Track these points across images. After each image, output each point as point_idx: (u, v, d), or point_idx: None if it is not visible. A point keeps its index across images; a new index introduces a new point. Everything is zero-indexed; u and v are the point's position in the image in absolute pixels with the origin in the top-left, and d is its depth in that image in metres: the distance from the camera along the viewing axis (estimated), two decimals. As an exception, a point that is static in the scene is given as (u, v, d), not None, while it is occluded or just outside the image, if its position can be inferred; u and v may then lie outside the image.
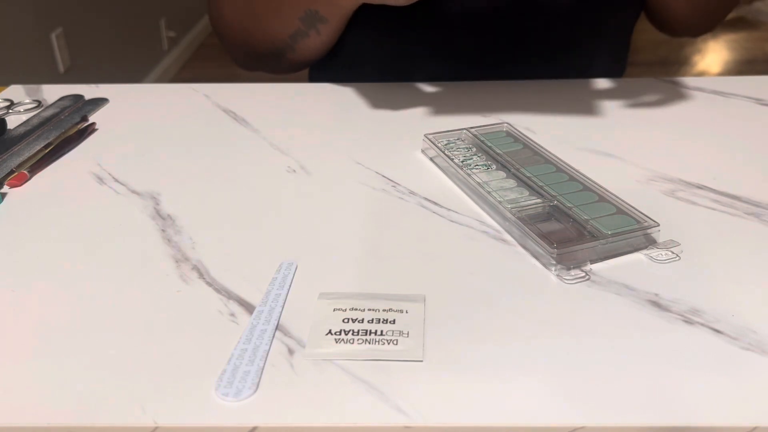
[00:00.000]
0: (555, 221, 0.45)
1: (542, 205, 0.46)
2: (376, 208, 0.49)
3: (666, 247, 0.43)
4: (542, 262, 0.42)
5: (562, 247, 0.41)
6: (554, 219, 0.45)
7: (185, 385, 0.34)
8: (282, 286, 0.40)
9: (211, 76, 0.80)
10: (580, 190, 0.48)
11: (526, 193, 0.48)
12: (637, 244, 0.43)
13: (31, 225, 0.48)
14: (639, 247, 0.43)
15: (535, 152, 0.53)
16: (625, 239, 0.43)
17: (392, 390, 0.33)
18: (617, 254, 0.42)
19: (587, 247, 0.42)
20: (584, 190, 0.48)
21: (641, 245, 0.43)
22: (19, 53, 1.90)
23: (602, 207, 0.46)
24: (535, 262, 0.42)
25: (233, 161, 0.56)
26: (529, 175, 0.50)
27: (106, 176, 0.54)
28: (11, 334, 0.38)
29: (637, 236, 0.43)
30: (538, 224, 0.44)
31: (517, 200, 0.47)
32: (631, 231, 0.43)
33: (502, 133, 0.57)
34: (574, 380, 0.33)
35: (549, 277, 0.41)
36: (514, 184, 0.49)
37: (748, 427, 0.31)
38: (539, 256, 0.42)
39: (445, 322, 0.37)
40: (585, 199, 0.46)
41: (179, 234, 0.46)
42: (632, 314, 0.38)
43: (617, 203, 0.46)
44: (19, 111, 0.66)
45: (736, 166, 0.53)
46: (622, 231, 0.43)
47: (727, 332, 0.36)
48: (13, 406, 0.33)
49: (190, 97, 0.68)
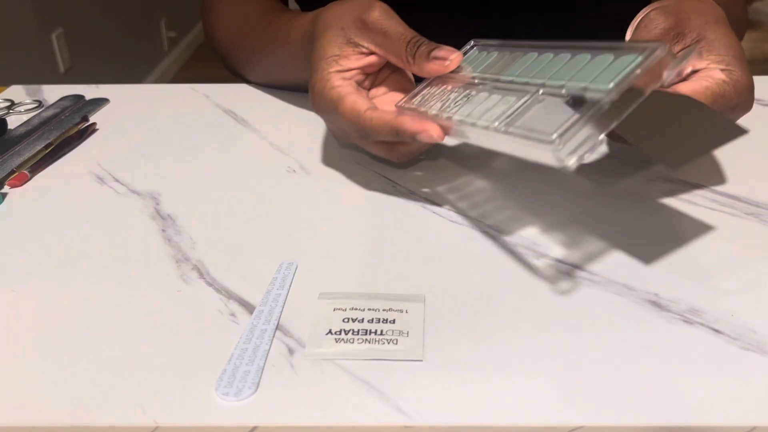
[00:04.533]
0: (550, 109, 0.37)
1: (530, 101, 0.39)
2: (376, 208, 0.49)
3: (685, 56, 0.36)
4: (557, 157, 0.34)
5: (561, 130, 0.34)
6: (549, 108, 0.38)
7: (185, 385, 0.34)
8: (282, 286, 0.40)
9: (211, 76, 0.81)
10: (569, 59, 0.40)
11: (513, 99, 0.40)
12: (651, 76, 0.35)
13: (31, 225, 0.48)
14: (655, 78, 0.35)
15: (511, 52, 0.46)
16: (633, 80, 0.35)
17: (392, 390, 0.33)
18: (636, 100, 0.34)
19: (591, 114, 0.34)
20: (574, 57, 0.40)
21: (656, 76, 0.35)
22: (20, 53, 1.90)
23: (598, 63, 0.37)
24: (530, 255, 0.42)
25: (233, 161, 0.56)
26: (509, 78, 0.42)
27: (107, 176, 0.54)
28: (11, 334, 0.38)
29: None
30: (531, 122, 0.37)
31: (505, 112, 0.39)
32: (636, 68, 0.35)
33: (474, 55, 0.49)
34: (574, 380, 0.33)
35: (550, 273, 0.41)
36: (499, 97, 0.41)
37: (748, 427, 0.31)
38: (545, 153, 0.35)
39: (445, 322, 0.37)
40: (577, 66, 0.39)
41: (179, 234, 0.46)
42: (632, 314, 0.38)
43: (615, 48, 0.37)
44: (19, 111, 0.66)
45: (736, 166, 0.52)
46: (625, 75, 0.34)
47: (727, 332, 0.36)
48: (13, 406, 0.33)
49: (190, 97, 0.68)
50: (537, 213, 0.47)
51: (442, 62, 0.46)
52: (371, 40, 0.48)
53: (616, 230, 0.45)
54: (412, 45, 0.46)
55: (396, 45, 0.47)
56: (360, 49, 0.48)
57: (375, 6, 0.48)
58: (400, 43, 0.47)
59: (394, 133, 0.45)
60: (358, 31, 0.48)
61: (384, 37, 0.47)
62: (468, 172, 0.53)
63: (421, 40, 0.47)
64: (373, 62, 0.49)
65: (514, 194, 0.50)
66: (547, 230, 0.45)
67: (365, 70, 0.49)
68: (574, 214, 0.47)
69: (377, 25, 0.48)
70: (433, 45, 0.46)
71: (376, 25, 0.48)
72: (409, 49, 0.46)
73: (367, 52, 0.48)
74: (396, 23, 0.48)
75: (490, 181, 0.51)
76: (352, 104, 0.47)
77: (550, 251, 0.43)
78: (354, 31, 0.48)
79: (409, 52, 0.46)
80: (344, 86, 0.48)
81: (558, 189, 0.50)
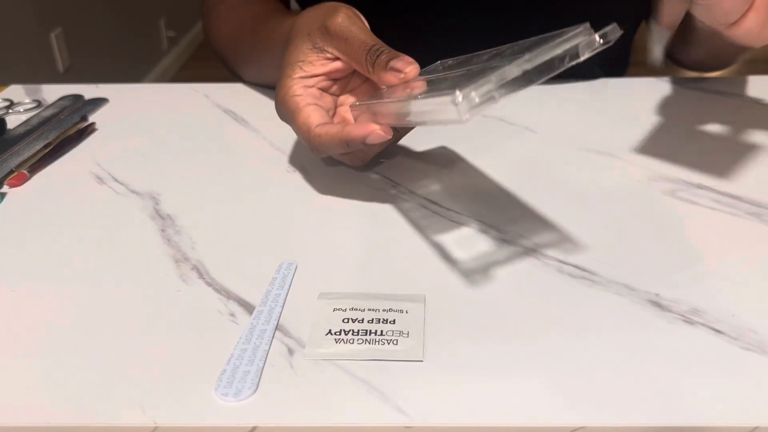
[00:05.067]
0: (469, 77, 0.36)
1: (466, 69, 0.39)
2: (376, 208, 0.49)
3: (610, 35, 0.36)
4: (455, 110, 0.34)
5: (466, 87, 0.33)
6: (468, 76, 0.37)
7: (185, 385, 0.34)
8: (282, 286, 0.40)
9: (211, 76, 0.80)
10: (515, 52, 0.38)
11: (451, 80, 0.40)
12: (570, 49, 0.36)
13: (31, 225, 0.48)
14: (572, 51, 0.36)
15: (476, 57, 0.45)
16: (549, 44, 0.35)
17: (392, 390, 0.33)
18: (550, 73, 0.35)
19: (502, 65, 0.34)
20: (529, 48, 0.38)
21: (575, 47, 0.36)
22: (19, 53, 1.90)
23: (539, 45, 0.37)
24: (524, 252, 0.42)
25: (233, 161, 0.56)
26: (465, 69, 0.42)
27: (106, 176, 0.54)
28: (11, 334, 0.38)
29: (566, 39, 0.36)
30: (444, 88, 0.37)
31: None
32: (555, 38, 0.35)
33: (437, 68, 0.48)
34: (574, 380, 0.33)
35: (550, 273, 0.41)
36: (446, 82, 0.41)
37: (748, 427, 0.31)
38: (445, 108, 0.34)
39: (445, 322, 0.37)
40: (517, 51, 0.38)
41: (179, 234, 0.46)
42: (632, 314, 0.38)
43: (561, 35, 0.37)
44: (18, 111, 0.66)
45: (736, 166, 0.52)
46: (541, 51, 0.35)
47: (727, 332, 0.36)
48: (13, 406, 0.33)
49: (190, 97, 0.68)
50: (537, 213, 0.47)
51: (397, 74, 0.44)
52: (334, 45, 0.47)
53: (616, 230, 0.45)
54: (372, 53, 0.45)
55: (357, 52, 0.46)
56: (325, 54, 0.48)
57: (339, 12, 0.48)
58: (360, 51, 0.46)
59: (344, 144, 0.45)
60: (323, 36, 0.48)
61: (345, 43, 0.47)
62: (468, 172, 0.53)
63: (381, 49, 0.45)
64: (338, 68, 0.48)
65: (514, 195, 0.49)
66: (547, 230, 0.45)
67: (331, 76, 0.49)
68: (574, 214, 0.47)
69: (339, 31, 0.47)
70: (393, 54, 0.45)
71: (338, 31, 0.47)
72: (369, 57, 0.46)
73: (332, 58, 0.48)
74: (358, 29, 0.47)
75: (491, 182, 0.51)
76: (305, 119, 0.46)
77: (550, 251, 0.43)
78: (318, 36, 0.48)
79: (368, 60, 0.46)
80: (304, 96, 0.47)
81: (558, 189, 0.50)
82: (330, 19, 0.47)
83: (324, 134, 0.45)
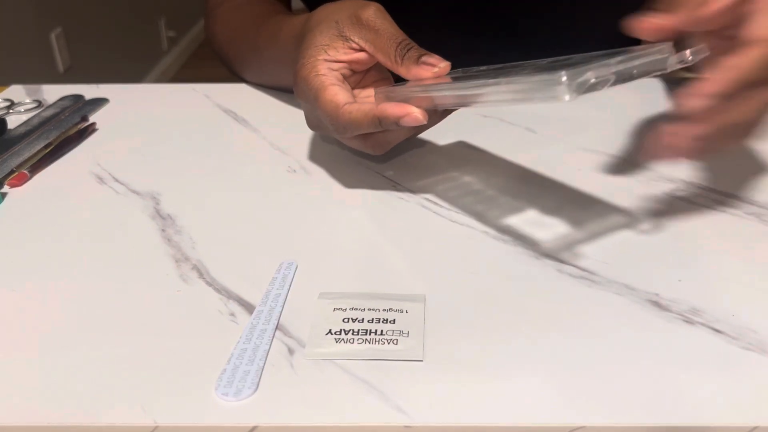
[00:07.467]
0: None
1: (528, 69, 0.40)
2: (376, 208, 0.49)
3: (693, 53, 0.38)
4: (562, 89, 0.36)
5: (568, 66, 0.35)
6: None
7: (185, 384, 0.34)
8: (282, 286, 0.40)
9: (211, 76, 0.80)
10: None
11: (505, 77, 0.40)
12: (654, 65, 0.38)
13: (31, 225, 0.48)
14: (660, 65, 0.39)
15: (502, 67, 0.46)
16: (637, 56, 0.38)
17: (392, 390, 0.33)
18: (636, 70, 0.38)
19: (600, 58, 0.37)
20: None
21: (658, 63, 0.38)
22: (19, 53, 1.90)
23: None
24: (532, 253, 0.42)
25: (233, 161, 0.56)
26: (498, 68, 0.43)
27: (106, 176, 0.54)
28: (11, 333, 0.38)
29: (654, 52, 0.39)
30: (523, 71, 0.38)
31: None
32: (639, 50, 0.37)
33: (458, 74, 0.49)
34: (574, 380, 0.33)
35: (550, 273, 0.41)
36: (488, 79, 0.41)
37: (748, 427, 0.31)
38: (546, 86, 0.36)
39: (445, 322, 0.37)
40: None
41: (179, 234, 0.46)
42: (632, 314, 0.38)
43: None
44: (19, 111, 0.66)
45: (736, 166, 0.52)
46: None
47: (727, 332, 0.36)
48: (13, 406, 0.33)
49: (190, 97, 0.68)
50: (537, 213, 0.47)
51: (431, 68, 0.45)
52: (362, 36, 0.48)
53: (616, 230, 0.45)
54: (402, 46, 0.47)
55: (386, 44, 0.47)
56: (350, 43, 0.48)
57: (371, 5, 0.49)
58: (390, 43, 0.47)
59: (376, 122, 0.45)
60: (352, 25, 0.48)
61: (376, 34, 0.48)
62: (468, 172, 0.53)
63: (411, 44, 0.47)
64: (361, 59, 0.49)
65: (515, 195, 0.50)
66: (547, 230, 0.45)
67: (352, 67, 0.49)
68: (575, 214, 0.47)
69: (371, 22, 0.48)
70: (423, 50, 0.47)
71: (370, 22, 0.48)
72: (399, 50, 0.47)
73: (357, 48, 0.48)
74: (389, 24, 0.48)
75: (491, 182, 0.51)
76: (332, 96, 0.46)
77: (550, 251, 0.43)
78: (347, 25, 0.48)
79: (398, 52, 0.47)
80: (329, 76, 0.47)
81: (558, 189, 0.50)
82: (362, 9, 0.48)
83: (355, 110, 0.45)
